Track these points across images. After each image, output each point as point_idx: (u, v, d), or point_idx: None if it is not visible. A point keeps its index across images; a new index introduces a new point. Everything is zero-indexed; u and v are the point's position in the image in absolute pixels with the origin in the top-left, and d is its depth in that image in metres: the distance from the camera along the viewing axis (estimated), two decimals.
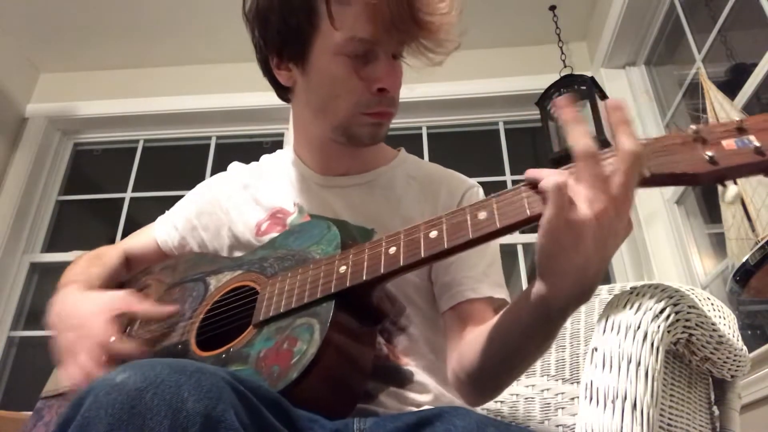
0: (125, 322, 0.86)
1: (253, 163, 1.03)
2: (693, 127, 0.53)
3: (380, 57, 0.79)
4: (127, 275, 0.99)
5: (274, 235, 0.86)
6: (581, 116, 0.54)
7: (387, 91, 0.80)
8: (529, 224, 0.57)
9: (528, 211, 0.56)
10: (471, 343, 0.74)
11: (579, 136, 0.52)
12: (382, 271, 0.64)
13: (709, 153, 0.51)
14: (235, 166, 1.03)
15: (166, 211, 1.04)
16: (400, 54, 0.82)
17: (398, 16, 0.74)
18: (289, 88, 0.88)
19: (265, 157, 1.03)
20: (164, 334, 0.82)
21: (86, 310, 0.77)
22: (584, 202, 0.51)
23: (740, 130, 0.52)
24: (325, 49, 0.78)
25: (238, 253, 0.91)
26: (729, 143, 0.52)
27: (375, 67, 0.79)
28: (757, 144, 0.51)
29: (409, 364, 0.80)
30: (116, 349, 0.72)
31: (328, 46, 0.78)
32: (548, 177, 0.52)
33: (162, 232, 1.00)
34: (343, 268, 0.67)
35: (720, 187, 0.55)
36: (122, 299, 0.78)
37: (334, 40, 0.77)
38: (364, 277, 0.65)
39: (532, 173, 0.56)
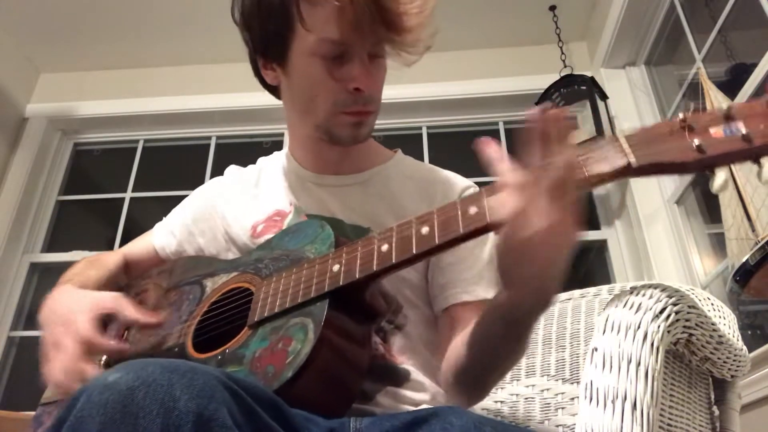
0: (122, 325, 0.85)
1: (250, 166, 1.03)
2: (680, 115, 0.53)
3: (354, 57, 0.79)
4: (125, 280, 0.99)
5: (270, 236, 0.86)
6: (500, 152, 0.59)
7: (362, 90, 0.80)
8: None
9: None
10: (457, 345, 0.75)
11: (504, 169, 0.57)
12: (374, 268, 0.64)
13: (697, 141, 0.51)
14: (231, 170, 1.04)
15: (164, 217, 1.04)
16: (378, 54, 0.82)
17: (365, 17, 0.75)
18: (276, 87, 0.90)
19: (261, 160, 1.04)
20: (161, 336, 0.82)
21: (74, 306, 0.77)
22: (535, 216, 0.52)
23: (728, 117, 0.51)
24: (302, 51, 0.80)
25: (235, 256, 0.91)
26: (716, 131, 0.51)
27: (350, 68, 0.79)
28: (744, 131, 0.50)
29: (406, 363, 0.79)
30: (98, 346, 0.72)
31: (303, 47, 0.79)
32: (506, 188, 0.54)
33: (160, 238, 1.00)
34: (336, 267, 0.67)
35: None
36: (112, 299, 0.78)
37: (308, 42, 0.79)
38: (357, 275, 0.65)
39: (496, 164, 0.58)
